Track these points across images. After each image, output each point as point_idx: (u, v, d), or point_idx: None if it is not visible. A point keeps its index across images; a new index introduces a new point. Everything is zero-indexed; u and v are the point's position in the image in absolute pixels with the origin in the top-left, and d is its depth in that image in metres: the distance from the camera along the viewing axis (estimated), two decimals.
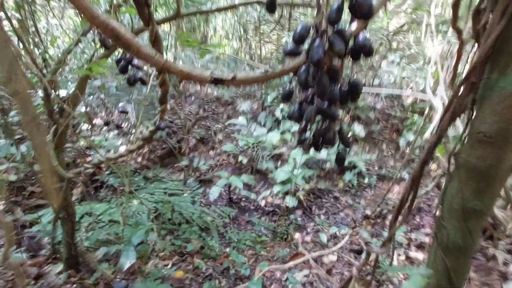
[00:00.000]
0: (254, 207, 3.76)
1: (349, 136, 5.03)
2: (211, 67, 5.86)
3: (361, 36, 0.40)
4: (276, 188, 3.46)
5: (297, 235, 2.94)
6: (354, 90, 0.43)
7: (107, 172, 3.18)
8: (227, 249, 2.59)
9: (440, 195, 0.65)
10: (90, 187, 2.81)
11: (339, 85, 0.42)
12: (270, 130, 4.70)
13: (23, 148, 2.47)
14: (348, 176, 4.37)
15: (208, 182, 4.07)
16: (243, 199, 3.85)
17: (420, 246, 2.12)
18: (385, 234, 1.95)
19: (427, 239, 2.20)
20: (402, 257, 1.99)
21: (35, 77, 1.62)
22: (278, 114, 4.99)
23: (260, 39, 6.74)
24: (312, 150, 0.48)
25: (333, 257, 2.03)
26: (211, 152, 4.62)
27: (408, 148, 4.96)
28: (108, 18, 0.36)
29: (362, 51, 0.41)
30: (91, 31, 1.50)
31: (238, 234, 2.80)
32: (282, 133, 4.51)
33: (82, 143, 2.64)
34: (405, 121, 5.56)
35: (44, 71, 1.65)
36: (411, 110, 5.72)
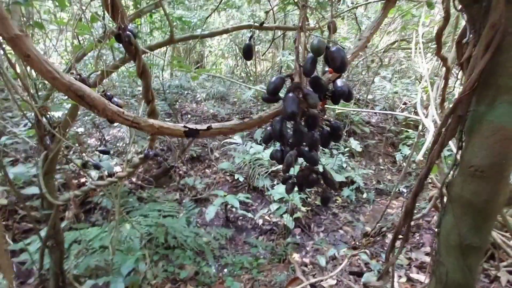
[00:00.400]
0: (252, 226, 3.68)
1: (345, 150, 5.03)
2: (207, 85, 5.93)
3: (339, 83, 0.40)
4: (273, 207, 3.40)
5: (295, 256, 2.85)
6: (335, 132, 0.42)
7: (101, 193, 3.11)
8: (224, 271, 2.50)
9: (436, 228, 0.63)
10: (81, 211, 2.74)
11: (321, 128, 0.42)
12: (267, 147, 4.69)
13: (16, 170, 2.42)
14: (346, 191, 4.32)
15: (205, 201, 4.00)
16: (240, 217, 3.77)
17: (421, 267, 2.06)
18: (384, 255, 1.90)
19: (427, 259, 2.14)
20: (403, 279, 1.93)
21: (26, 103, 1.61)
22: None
23: (255, 57, 6.89)
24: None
25: (333, 281, 1.96)
26: (208, 170, 4.57)
27: (404, 162, 4.96)
28: (71, 80, 0.35)
29: (341, 97, 0.41)
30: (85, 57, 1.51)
31: (235, 257, 2.71)
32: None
33: (71, 165, 2.60)
34: (400, 135, 5.60)
35: (37, 96, 1.64)
36: (405, 123, 5.78)
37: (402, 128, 5.67)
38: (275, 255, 2.89)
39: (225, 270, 2.55)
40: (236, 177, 4.15)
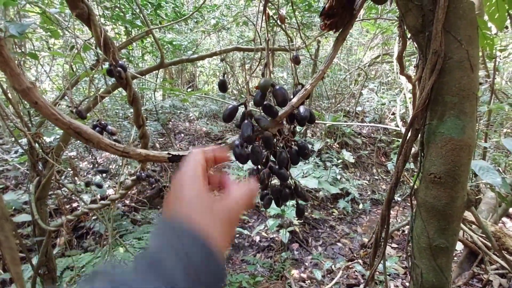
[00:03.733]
0: (249, 243, 3.64)
1: (339, 162, 5.10)
2: (200, 104, 6.03)
3: (301, 109, 0.47)
4: (269, 222, 3.39)
5: (293, 272, 2.82)
6: (302, 151, 0.48)
7: (93, 218, 3.07)
8: None
9: (408, 233, 0.67)
10: (74, 236, 2.69)
11: (290, 148, 0.48)
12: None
13: (6, 197, 2.40)
14: (342, 203, 4.34)
15: None
16: (237, 235, 3.74)
17: None
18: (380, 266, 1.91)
19: None
20: None
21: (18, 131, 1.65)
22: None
23: (247, 74, 7.08)
24: (302, 180, 0.53)
25: None
26: None
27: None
28: (70, 120, 0.41)
29: (304, 120, 0.47)
30: (78, 83, 1.57)
31: (232, 276, 2.67)
32: None
33: (63, 189, 2.60)
34: (392, 144, 5.72)
35: (32, 120, 1.68)
36: (396, 133, 5.92)
37: (393, 138, 5.80)
38: (273, 272, 2.86)
39: None
40: None
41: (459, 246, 2.09)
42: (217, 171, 0.43)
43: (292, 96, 0.48)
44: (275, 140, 0.47)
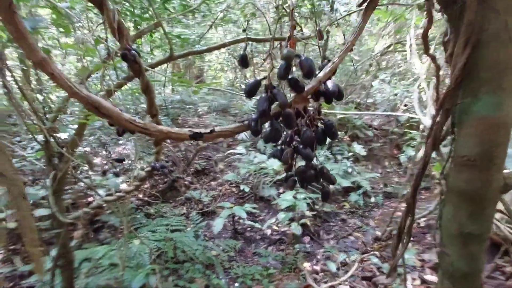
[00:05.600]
0: (260, 237, 3.64)
1: (350, 155, 5.02)
2: (209, 99, 6.03)
3: (329, 84, 0.44)
4: (281, 215, 3.38)
5: (306, 264, 2.81)
6: (329, 130, 0.45)
7: (108, 212, 3.14)
8: (235, 284, 2.47)
9: (437, 220, 0.64)
10: (90, 229, 2.76)
11: (316, 127, 0.45)
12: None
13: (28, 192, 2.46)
14: (353, 197, 4.28)
15: (211, 214, 3.99)
16: (248, 228, 3.74)
17: (435, 268, 2.01)
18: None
19: None
20: (417, 282, 1.88)
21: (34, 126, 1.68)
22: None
23: (254, 68, 7.02)
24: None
25: (345, 287, 1.92)
26: (213, 183, 4.59)
27: (409, 163, 4.92)
28: (89, 93, 0.39)
29: (333, 96, 0.44)
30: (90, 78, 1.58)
31: (245, 268, 2.68)
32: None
33: (82, 184, 2.66)
34: (404, 136, 5.58)
35: (45, 118, 1.71)
36: (408, 125, 5.77)
37: (405, 130, 5.65)
38: (286, 265, 2.86)
39: (236, 283, 2.53)
40: (241, 188, 4.15)
41: None
42: None
43: (318, 71, 0.45)
44: (300, 118, 0.44)
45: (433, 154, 0.63)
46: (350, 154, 5.09)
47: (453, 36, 0.55)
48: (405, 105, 6.22)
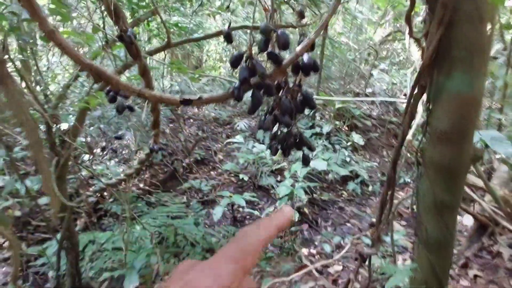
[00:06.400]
0: None
1: (348, 145, 5.07)
2: (207, 89, 6.04)
3: (305, 57, 0.48)
4: (279, 204, 3.45)
5: (304, 250, 2.90)
6: (307, 101, 0.49)
7: (110, 200, 3.21)
8: None
9: (414, 192, 0.69)
10: (93, 216, 2.83)
11: (295, 98, 0.49)
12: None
13: (28, 182, 2.53)
14: (351, 185, 4.35)
15: (211, 202, 4.07)
16: (247, 217, 3.83)
17: None
18: (387, 239, 1.94)
19: None
20: (408, 262, 1.96)
21: (37, 113, 1.72)
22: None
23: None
24: (311, 163, 0.55)
25: (338, 267, 2.00)
26: (213, 172, 4.65)
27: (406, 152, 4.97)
28: (92, 62, 0.44)
29: (309, 68, 0.49)
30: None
31: None
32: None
33: (84, 173, 2.71)
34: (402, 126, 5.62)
35: (46, 106, 1.75)
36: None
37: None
38: (283, 250, 2.95)
39: None
40: (241, 177, 4.22)
41: (469, 222, 2.09)
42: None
43: (297, 46, 0.50)
44: (279, 89, 0.49)
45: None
46: (349, 143, 5.13)
47: (429, 16, 0.58)
48: (404, 94, 6.23)
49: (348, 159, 4.86)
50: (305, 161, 0.55)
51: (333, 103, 4.83)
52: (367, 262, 1.00)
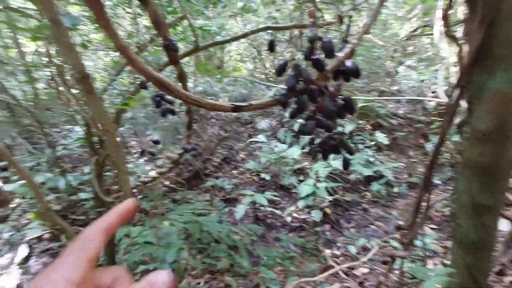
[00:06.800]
0: (281, 224, 3.74)
1: (372, 144, 4.93)
2: (230, 89, 6.14)
3: (349, 63, 0.49)
4: (301, 203, 3.45)
5: (326, 251, 2.88)
6: (347, 105, 0.51)
7: (139, 197, 3.38)
8: (256, 267, 2.60)
9: (451, 193, 0.68)
10: None
11: (336, 102, 0.51)
12: (290, 145, 4.75)
13: (69, 177, 2.74)
14: (375, 186, 4.23)
15: (233, 201, 4.14)
16: (269, 215, 3.86)
17: None
18: (418, 243, 1.87)
19: None
20: (439, 267, 1.88)
21: (77, 114, 1.86)
22: (297, 128, 5.06)
23: (274, 58, 6.99)
24: (334, 163, 0.56)
25: (365, 269, 1.97)
26: (235, 171, 4.73)
27: None
28: (157, 74, 0.48)
29: (352, 73, 0.50)
30: (123, 72, 1.72)
31: (266, 251, 2.81)
32: (303, 147, 4.54)
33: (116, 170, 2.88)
34: (431, 125, 5.35)
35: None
36: (436, 112, 5.51)
37: (433, 118, 5.41)
38: (306, 250, 2.94)
39: (258, 264, 2.66)
40: (262, 176, 4.25)
41: (506, 227, 1.96)
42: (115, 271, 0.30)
43: (339, 52, 0.51)
44: (322, 95, 0.51)
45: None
46: (372, 143, 4.99)
47: (470, 16, 0.57)
48: (433, 92, 5.92)
49: (372, 159, 4.72)
50: (345, 165, 0.56)
51: (355, 101, 4.72)
52: (395, 265, 0.98)
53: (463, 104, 0.62)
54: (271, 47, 0.59)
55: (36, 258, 2.89)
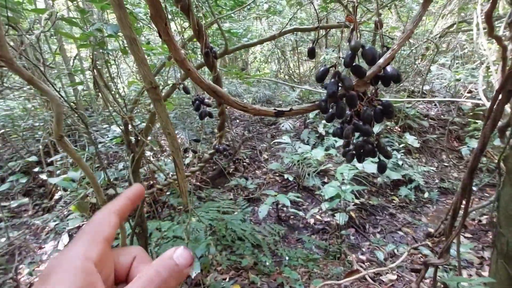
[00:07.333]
0: (303, 225, 3.73)
1: (401, 147, 4.73)
2: (253, 90, 6.20)
3: (389, 69, 0.50)
4: (325, 205, 3.41)
5: (352, 255, 2.82)
6: (386, 109, 0.52)
7: (168, 193, 3.55)
8: (280, 266, 2.62)
9: (494, 201, 0.65)
10: (154, 206, 3.17)
11: (374, 107, 0.52)
12: (314, 146, 4.70)
13: (108, 174, 2.94)
14: (403, 191, 4.06)
15: (256, 200, 4.19)
16: (292, 216, 3.86)
17: None
18: (451, 252, 1.77)
19: None
20: (475, 277, 1.77)
21: (116, 114, 2.01)
22: (321, 130, 4.99)
23: (299, 58, 6.95)
24: (359, 165, 0.57)
25: (393, 276, 1.90)
26: (258, 171, 4.78)
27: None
28: (210, 82, 0.53)
29: (391, 79, 0.51)
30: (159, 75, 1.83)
31: (290, 252, 2.82)
32: (327, 149, 4.47)
33: (146, 167, 3.06)
34: (467, 127, 5.01)
35: (124, 109, 2.03)
36: (473, 114, 5.16)
37: (469, 119, 5.07)
38: (329, 253, 2.90)
39: (281, 264, 2.68)
40: (285, 177, 4.26)
41: None
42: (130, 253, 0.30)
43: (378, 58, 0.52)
44: (360, 100, 0.52)
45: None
46: (401, 145, 4.79)
47: None
48: (469, 92, 5.54)
49: (400, 162, 4.54)
50: (382, 169, 0.57)
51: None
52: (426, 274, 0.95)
53: (507, 108, 0.60)
54: (312, 54, 0.61)
55: None
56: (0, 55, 0.42)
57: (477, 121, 4.95)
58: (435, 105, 5.86)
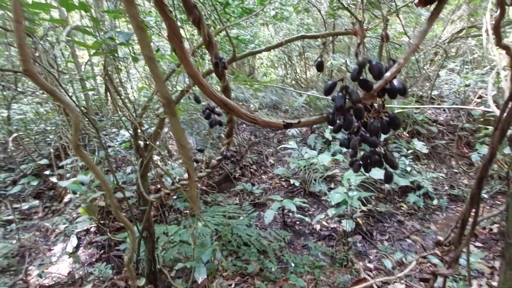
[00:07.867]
0: (309, 231, 3.70)
1: (409, 153, 4.67)
2: (260, 95, 6.24)
3: (395, 82, 0.51)
4: (331, 211, 3.38)
5: (359, 263, 2.78)
6: (392, 121, 0.52)
7: (174, 197, 3.57)
8: (286, 273, 2.60)
9: (503, 211, 0.65)
10: (161, 210, 3.20)
11: (381, 119, 0.53)
12: (320, 151, 4.69)
13: (117, 177, 2.99)
14: (412, 197, 4.00)
15: (262, 205, 4.18)
16: (298, 222, 3.83)
17: None
18: (461, 261, 1.74)
19: None
20: (484, 287, 1.73)
21: (125, 120, 2.05)
22: (327, 135, 4.97)
23: (305, 63, 6.97)
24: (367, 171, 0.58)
25: (401, 286, 1.87)
26: (264, 176, 4.78)
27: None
28: (221, 96, 0.55)
29: (397, 92, 0.52)
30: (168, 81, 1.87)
31: (296, 258, 2.79)
32: (333, 154, 4.44)
33: (154, 172, 3.10)
34: (477, 133, 4.92)
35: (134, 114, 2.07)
36: (484, 119, 5.06)
37: (479, 125, 4.98)
38: (336, 260, 2.87)
39: (287, 270, 2.66)
40: (291, 182, 4.24)
41: None
42: None
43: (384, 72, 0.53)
44: (367, 112, 0.53)
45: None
46: (410, 151, 4.72)
47: None
48: (479, 97, 5.45)
49: (409, 169, 4.47)
50: (388, 179, 0.58)
51: (392, 109, 4.52)
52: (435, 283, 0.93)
53: None
54: (320, 67, 0.62)
55: (83, 249, 3.19)
56: (25, 70, 0.44)
57: (487, 127, 4.86)
58: (444, 110, 5.78)
